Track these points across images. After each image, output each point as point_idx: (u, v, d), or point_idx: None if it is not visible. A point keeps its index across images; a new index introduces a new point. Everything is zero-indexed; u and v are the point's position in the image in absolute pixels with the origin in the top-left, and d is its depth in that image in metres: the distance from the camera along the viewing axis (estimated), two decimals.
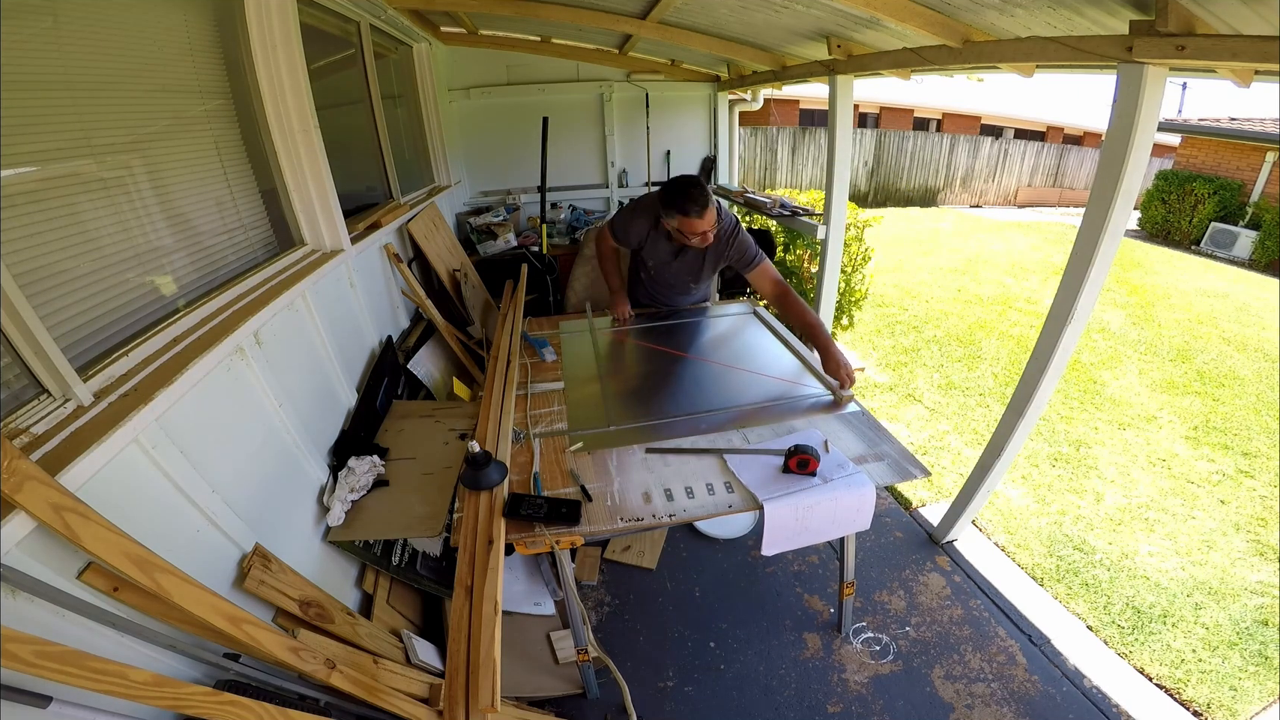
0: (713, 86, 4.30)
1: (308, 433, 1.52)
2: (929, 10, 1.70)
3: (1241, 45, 1.13)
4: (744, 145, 10.44)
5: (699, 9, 2.49)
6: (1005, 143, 12.62)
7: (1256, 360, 4.36)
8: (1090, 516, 2.53)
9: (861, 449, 1.51)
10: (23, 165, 0.95)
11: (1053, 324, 1.69)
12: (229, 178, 1.50)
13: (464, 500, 1.36)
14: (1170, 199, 9.23)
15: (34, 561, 0.77)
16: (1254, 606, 2.07)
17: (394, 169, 2.69)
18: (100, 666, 0.73)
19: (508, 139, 4.07)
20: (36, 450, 0.83)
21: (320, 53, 2.01)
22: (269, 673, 1.07)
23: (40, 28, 1.00)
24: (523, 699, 1.62)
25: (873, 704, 1.67)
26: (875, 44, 2.27)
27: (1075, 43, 1.47)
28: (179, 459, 1.04)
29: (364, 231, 2.11)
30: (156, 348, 1.13)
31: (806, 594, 2.03)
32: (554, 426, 1.67)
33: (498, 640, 1.06)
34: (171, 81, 1.33)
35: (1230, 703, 1.71)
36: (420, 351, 2.39)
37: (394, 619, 1.57)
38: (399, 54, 3.16)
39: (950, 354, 4.26)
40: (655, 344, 2.19)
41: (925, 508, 2.49)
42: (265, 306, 1.36)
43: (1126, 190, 1.44)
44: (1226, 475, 2.88)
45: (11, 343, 0.86)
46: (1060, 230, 9.33)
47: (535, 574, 1.97)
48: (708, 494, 1.37)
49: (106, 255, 1.09)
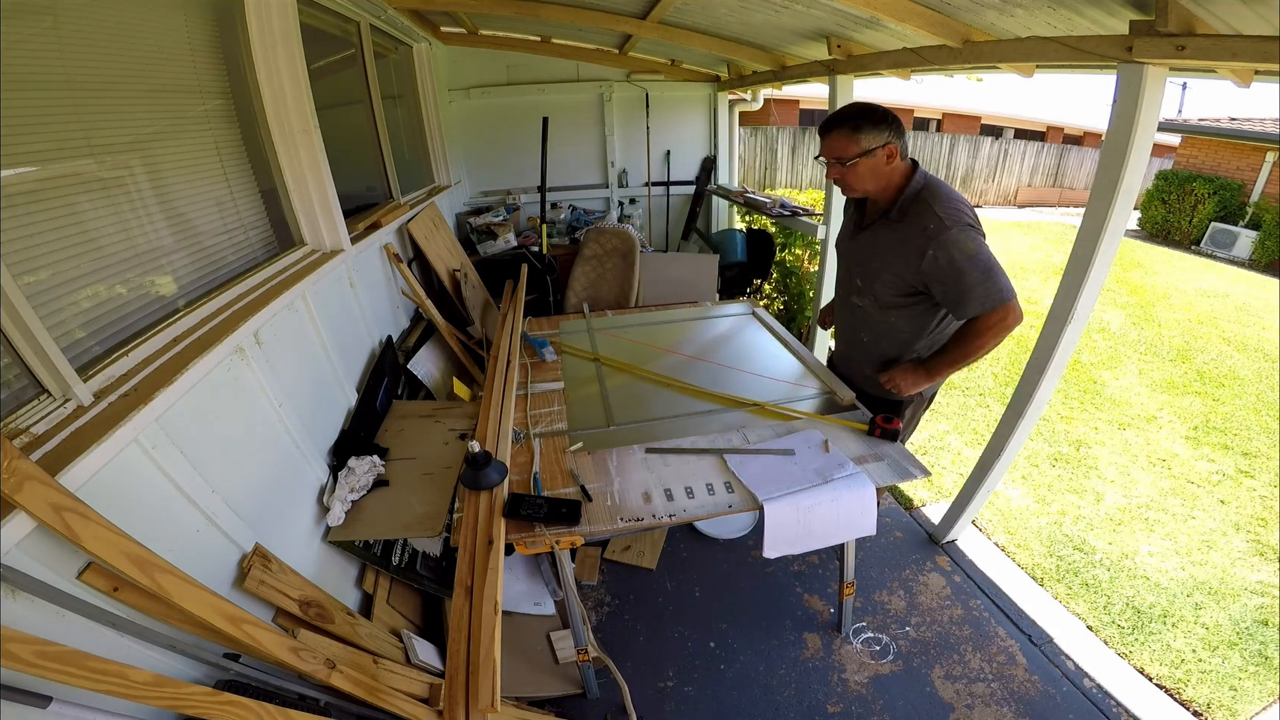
0: (713, 86, 4.30)
1: (308, 433, 1.52)
2: (929, 10, 1.70)
3: (1241, 45, 1.13)
4: (744, 145, 10.44)
5: (699, 9, 2.49)
6: (1005, 143, 12.62)
7: (1256, 360, 4.36)
8: (1090, 516, 2.53)
9: (861, 449, 1.51)
10: (23, 165, 0.94)
11: (1053, 324, 1.69)
12: (229, 178, 1.50)
13: (464, 500, 1.36)
14: (1170, 199, 9.23)
15: (34, 562, 0.76)
16: (1254, 606, 2.07)
17: (394, 169, 2.69)
18: (100, 666, 0.73)
19: (508, 139, 4.07)
20: (36, 450, 0.83)
21: (320, 53, 2.01)
22: (269, 673, 1.07)
23: (40, 28, 1.00)
24: (523, 699, 1.62)
25: (873, 704, 1.67)
26: (875, 44, 2.27)
27: (1075, 43, 1.47)
28: (179, 459, 1.04)
29: (364, 231, 2.11)
30: (156, 348, 1.13)
31: (806, 594, 2.02)
32: (554, 426, 1.67)
33: (498, 640, 1.06)
34: (171, 81, 1.33)
35: (1230, 703, 1.71)
36: (420, 351, 2.39)
37: (394, 619, 1.57)
38: (399, 54, 3.16)
39: None
40: (655, 344, 2.19)
41: (925, 508, 2.49)
42: (265, 306, 1.36)
43: (1126, 190, 1.44)
44: (1226, 475, 2.88)
45: (11, 343, 0.86)
46: (1060, 230, 9.33)
47: (535, 574, 1.97)
48: (708, 494, 1.37)
49: (106, 255, 1.09)
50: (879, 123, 1.41)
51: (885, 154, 1.43)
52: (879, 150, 1.42)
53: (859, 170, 1.46)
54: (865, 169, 1.45)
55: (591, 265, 3.34)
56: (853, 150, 1.43)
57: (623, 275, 3.30)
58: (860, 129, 1.42)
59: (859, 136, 1.42)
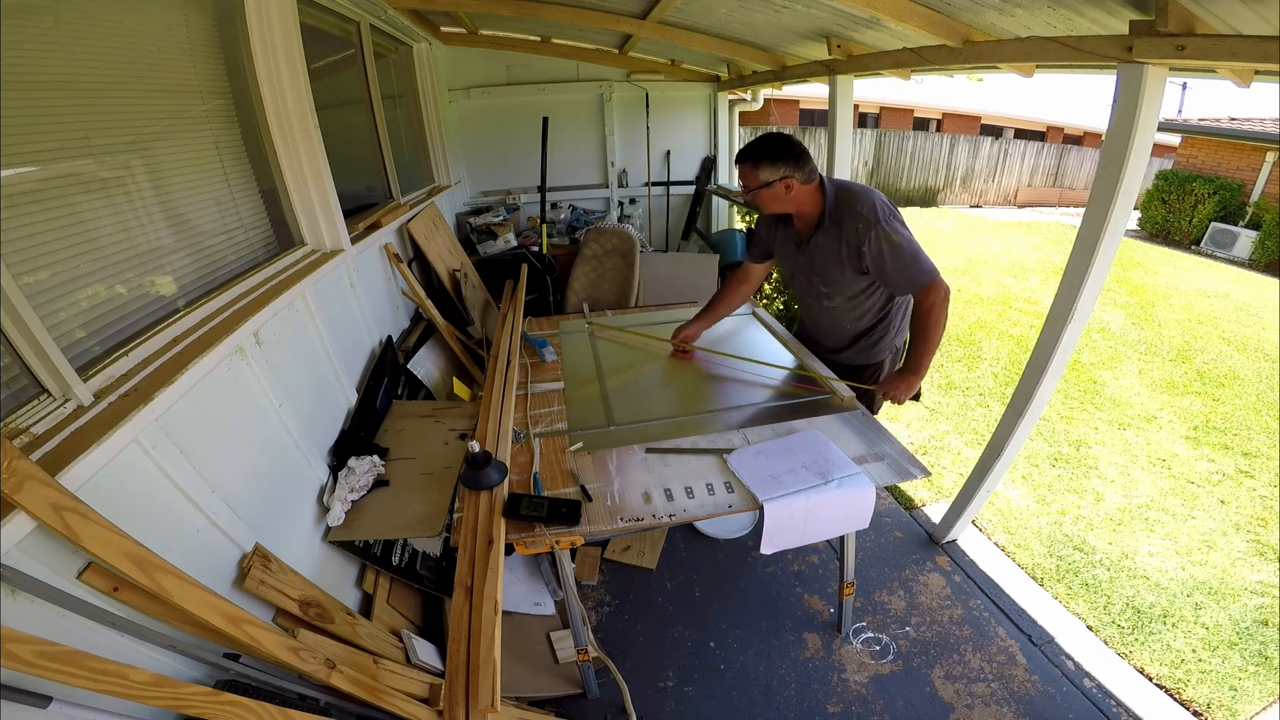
0: (713, 86, 4.30)
1: (308, 433, 1.52)
2: (929, 10, 1.70)
3: (1241, 45, 1.13)
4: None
5: (699, 9, 2.50)
6: (1005, 143, 12.62)
7: (1256, 360, 4.36)
8: (1090, 516, 2.53)
9: (861, 449, 1.51)
10: (23, 165, 0.94)
11: (1053, 324, 1.69)
12: (229, 178, 1.50)
13: (464, 500, 1.36)
14: (1170, 199, 9.22)
15: (34, 561, 0.76)
16: (1254, 606, 2.07)
17: (394, 169, 2.69)
18: (100, 666, 0.73)
19: (508, 139, 4.07)
20: (36, 450, 0.83)
21: (320, 53, 2.01)
22: (269, 673, 1.07)
23: (40, 28, 1.00)
24: (523, 699, 1.62)
25: (873, 704, 1.67)
26: (875, 44, 2.27)
27: (1075, 43, 1.47)
28: (179, 459, 1.04)
29: (364, 231, 2.11)
30: (157, 348, 1.13)
31: (806, 594, 2.02)
32: (554, 426, 1.67)
33: (498, 640, 1.06)
34: (171, 81, 1.33)
35: (1230, 703, 1.71)
36: (420, 351, 2.39)
37: (394, 619, 1.57)
38: (399, 54, 3.16)
39: (950, 354, 4.26)
40: (655, 344, 2.19)
41: (925, 508, 2.49)
42: (265, 306, 1.36)
43: (1126, 190, 1.44)
44: (1226, 475, 2.88)
45: (11, 343, 0.86)
46: (1060, 230, 9.33)
47: (535, 574, 1.97)
48: (708, 494, 1.37)
49: (107, 255, 1.09)
50: (776, 159, 1.60)
51: (783, 186, 1.62)
52: (776, 183, 1.62)
53: (762, 196, 1.66)
54: (767, 196, 1.66)
55: (591, 265, 3.35)
56: (754, 181, 1.64)
57: (623, 275, 3.30)
58: (760, 165, 1.62)
59: (758, 172, 1.62)
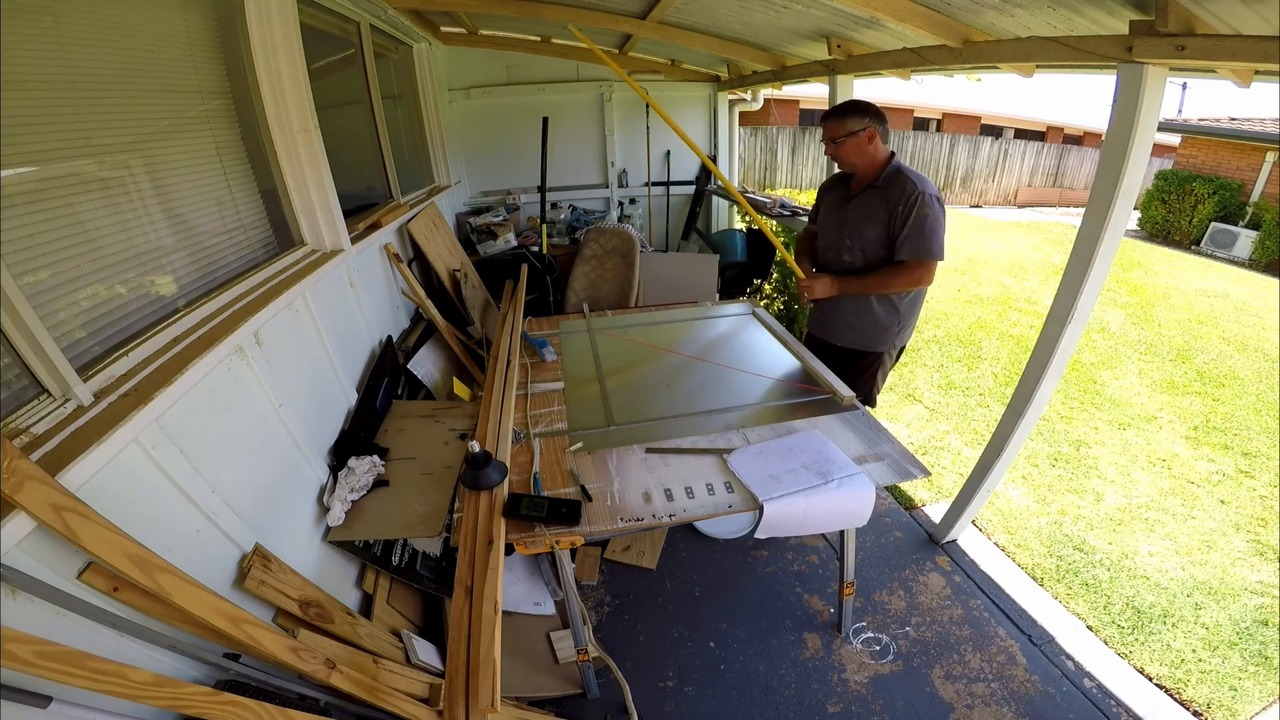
0: (713, 86, 4.30)
1: (308, 433, 1.52)
2: (929, 10, 1.70)
3: (1241, 45, 1.13)
4: (744, 145, 10.44)
5: (699, 9, 2.50)
6: (1005, 143, 12.61)
7: (1256, 360, 4.36)
8: (1090, 516, 2.53)
9: (861, 449, 1.51)
10: (23, 165, 0.94)
11: (1053, 324, 1.69)
12: (229, 178, 1.50)
13: (464, 500, 1.36)
14: (1170, 199, 9.22)
15: (34, 561, 0.76)
16: (1254, 606, 2.07)
17: (394, 169, 2.69)
18: (100, 666, 0.73)
19: (508, 139, 4.07)
20: (36, 450, 0.83)
21: (320, 53, 2.01)
22: (269, 673, 1.07)
23: (40, 28, 1.00)
24: (523, 699, 1.62)
25: (873, 704, 1.67)
26: (875, 44, 2.27)
27: (1075, 43, 1.47)
28: (179, 459, 1.04)
29: (364, 231, 2.11)
30: (156, 348, 1.13)
31: (806, 594, 2.02)
32: (554, 426, 1.67)
33: (498, 640, 1.06)
34: (171, 81, 1.33)
35: (1230, 703, 1.71)
36: (420, 351, 2.39)
37: (394, 619, 1.57)
38: (399, 54, 3.16)
39: (950, 354, 4.26)
40: (655, 344, 2.19)
41: (925, 508, 2.49)
42: (265, 306, 1.36)
43: (1126, 190, 1.44)
44: (1226, 475, 2.88)
45: (11, 343, 0.86)
46: (1060, 230, 9.33)
47: (535, 574, 1.97)
48: (708, 494, 1.37)
49: (106, 255, 1.09)
50: (861, 113, 1.84)
51: (866, 135, 1.83)
52: (861, 132, 1.83)
53: (846, 147, 1.86)
54: (851, 147, 1.86)
55: (591, 265, 3.35)
56: (840, 132, 1.85)
57: (623, 275, 3.30)
58: (847, 115, 1.85)
59: (846, 121, 1.85)
